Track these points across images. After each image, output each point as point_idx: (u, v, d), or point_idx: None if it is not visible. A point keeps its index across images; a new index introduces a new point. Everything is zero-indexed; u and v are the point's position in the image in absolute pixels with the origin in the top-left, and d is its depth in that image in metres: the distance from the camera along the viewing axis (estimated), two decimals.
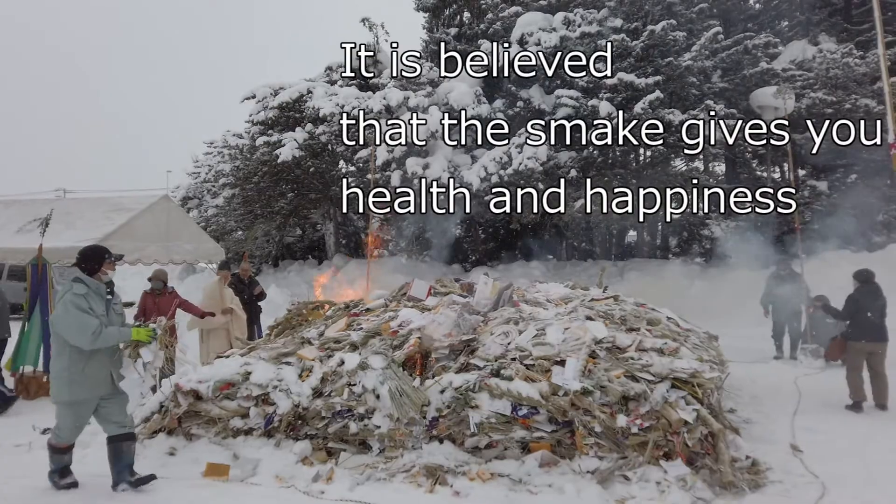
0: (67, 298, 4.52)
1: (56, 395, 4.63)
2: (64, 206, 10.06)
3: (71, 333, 4.46)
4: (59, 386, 4.58)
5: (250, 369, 5.67)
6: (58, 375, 4.58)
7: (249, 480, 4.89)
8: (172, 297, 8.41)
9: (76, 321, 4.44)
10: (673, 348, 5.26)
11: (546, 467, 4.71)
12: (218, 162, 20.33)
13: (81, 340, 4.45)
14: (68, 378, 4.54)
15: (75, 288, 4.58)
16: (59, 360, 4.60)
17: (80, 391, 4.59)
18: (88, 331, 4.43)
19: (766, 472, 4.75)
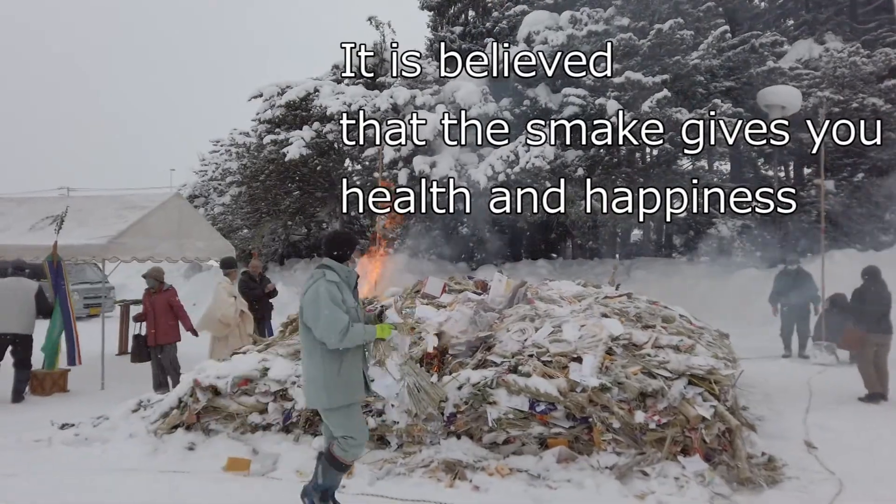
0: (321, 286, 3.94)
1: (313, 401, 4.10)
2: (75, 203, 10.09)
3: (319, 326, 3.88)
4: (316, 391, 4.02)
5: (268, 365, 5.73)
6: (312, 379, 4.02)
7: (270, 475, 4.94)
8: (168, 294, 8.46)
9: (327, 313, 3.86)
10: (689, 345, 5.30)
11: (564, 463, 4.76)
12: (225, 160, 20.38)
13: (329, 337, 3.86)
14: (323, 383, 3.96)
15: (328, 275, 4.00)
16: (310, 360, 4.03)
17: (342, 397, 4.00)
18: (338, 327, 3.83)
19: (782, 469, 4.78)
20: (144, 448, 5.55)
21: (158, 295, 8.42)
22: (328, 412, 4.03)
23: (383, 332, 4.12)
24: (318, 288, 3.94)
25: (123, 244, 8.83)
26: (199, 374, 5.80)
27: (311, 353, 4.01)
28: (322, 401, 3.99)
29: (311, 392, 4.05)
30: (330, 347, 3.89)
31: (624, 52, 15.38)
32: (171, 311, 8.34)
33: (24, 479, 5.02)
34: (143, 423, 5.93)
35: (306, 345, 4.05)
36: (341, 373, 3.96)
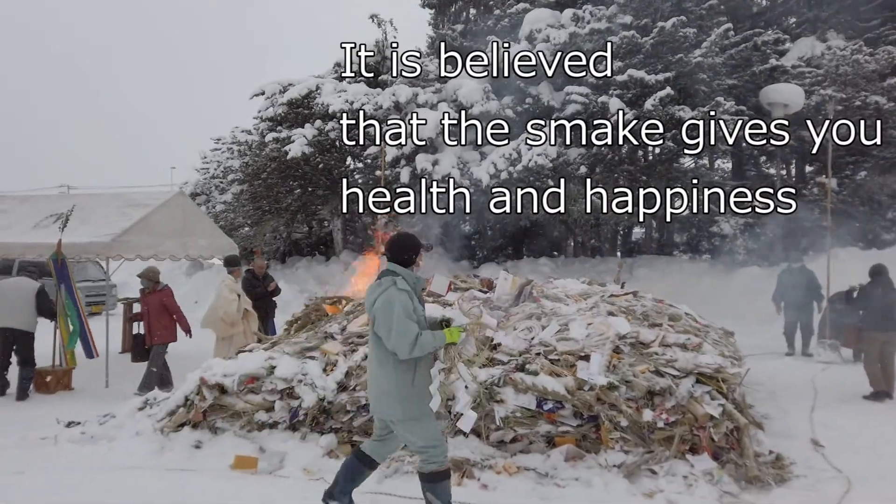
0: (393, 295, 3.77)
1: (386, 413, 3.93)
2: (78, 201, 10.06)
3: (391, 338, 3.72)
4: (389, 402, 3.86)
5: (275, 363, 5.72)
6: (386, 391, 3.85)
7: (278, 473, 4.94)
8: (161, 295, 8.34)
9: (399, 324, 3.70)
10: (696, 344, 5.30)
11: (572, 461, 4.76)
12: (227, 158, 20.37)
13: (401, 349, 3.71)
14: (397, 394, 3.81)
15: (399, 283, 3.82)
16: (382, 371, 3.86)
17: (416, 408, 3.85)
18: (410, 337, 3.68)
19: (789, 467, 4.79)
20: (151, 446, 5.54)
21: (153, 295, 8.34)
22: (404, 423, 3.87)
23: (453, 336, 3.93)
24: (391, 297, 3.76)
25: (127, 242, 8.82)
26: (205, 372, 5.80)
27: (382, 364, 3.85)
28: (396, 413, 3.84)
29: (384, 404, 3.89)
30: (401, 358, 3.76)
31: (627, 50, 15.37)
32: (165, 312, 8.26)
33: (30, 478, 5.02)
34: (149, 421, 5.92)
35: (377, 355, 3.88)
36: (415, 383, 3.82)
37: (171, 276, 22.50)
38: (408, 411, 3.83)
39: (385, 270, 3.97)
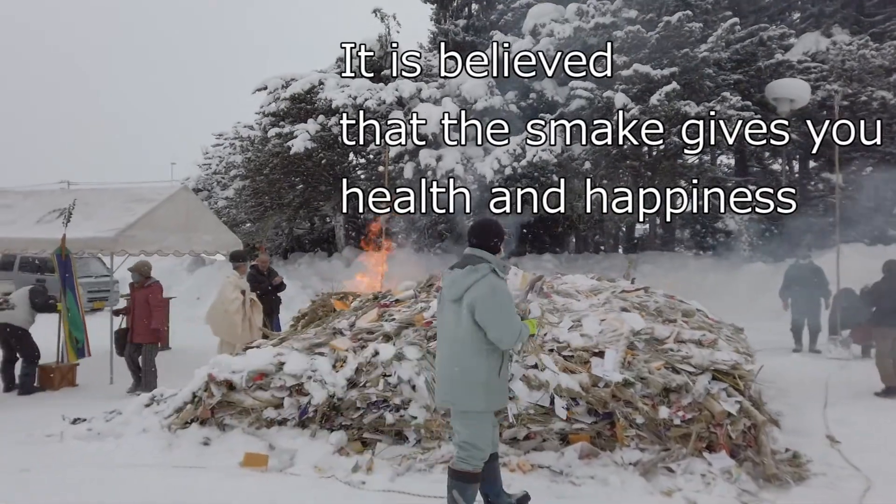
0: (496, 283, 3.65)
1: (465, 403, 3.73)
2: (81, 196, 9.98)
3: (496, 327, 3.59)
4: (472, 392, 3.69)
5: (283, 359, 5.65)
6: (474, 381, 3.67)
7: (288, 471, 4.87)
8: (148, 290, 8.11)
9: (507, 313, 3.61)
10: (711, 340, 5.23)
11: (586, 459, 4.69)
12: (229, 154, 20.26)
13: (506, 337, 3.60)
14: (486, 385, 3.67)
15: (497, 270, 3.73)
16: (475, 360, 3.67)
17: (497, 400, 3.78)
18: (517, 327, 3.62)
19: (807, 465, 4.72)
20: (158, 443, 5.48)
21: (141, 290, 8.13)
22: (475, 415, 3.72)
23: (532, 327, 3.92)
24: (495, 285, 3.63)
25: (132, 237, 8.75)
26: (213, 368, 5.73)
27: (476, 353, 3.66)
28: (479, 403, 3.69)
29: (466, 393, 3.70)
30: (502, 348, 3.67)
31: (632, 45, 15.27)
32: (148, 309, 8.02)
33: (37, 475, 4.96)
34: (156, 417, 5.86)
35: (473, 344, 3.66)
36: (501, 374, 3.75)
37: (173, 271, 22.44)
38: (490, 403, 3.74)
39: (472, 256, 3.80)
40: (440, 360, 3.91)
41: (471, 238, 3.90)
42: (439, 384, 3.91)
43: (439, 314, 3.96)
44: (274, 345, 6.12)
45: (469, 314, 3.66)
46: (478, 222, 3.98)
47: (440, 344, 3.94)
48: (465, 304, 3.68)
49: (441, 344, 3.91)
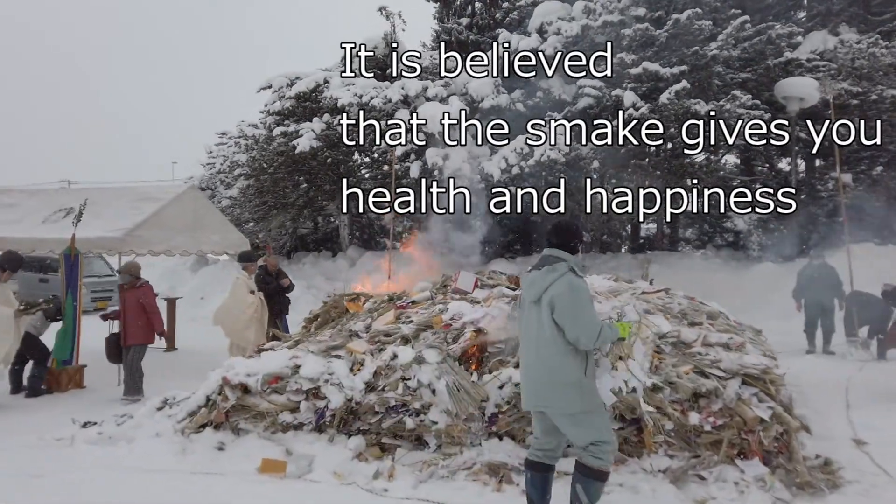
0: (575, 283, 3.63)
1: (561, 406, 3.68)
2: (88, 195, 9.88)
3: (576, 326, 3.56)
4: (567, 394, 3.65)
5: (299, 363, 5.53)
6: (566, 382, 3.63)
7: (307, 477, 4.76)
8: (140, 292, 7.73)
9: (586, 313, 3.58)
10: (739, 343, 5.11)
11: (613, 466, 4.56)
12: (234, 153, 20.13)
13: (585, 337, 3.57)
14: (578, 385, 3.64)
15: (577, 269, 3.70)
16: (563, 361, 3.63)
17: (591, 399, 3.71)
18: (596, 328, 3.58)
19: (839, 472, 4.60)
20: (172, 447, 5.36)
21: (131, 291, 7.74)
22: (579, 416, 3.66)
23: (624, 331, 3.89)
24: (574, 285, 3.62)
25: (140, 237, 8.63)
26: (227, 371, 5.61)
27: (562, 354, 3.63)
28: (576, 405, 3.64)
29: (561, 397, 3.65)
30: (581, 348, 3.64)
31: (640, 43, 15.14)
32: (142, 311, 7.65)
33: (50, 480, 4.85)
34: (169, 421, 5.74)
35: (556, 345, 3.63)
36: (588, 373, 3.70)
37: (176, 271, 22.32)
38: (586, 403, 3.66)
39: (550, 256, 3.81)
40: (526, 362, 3.86)
41: (550, 238, 3.91)
42: (527, 387, 3.85)
43: (521, 317, 3.94)
44: (289, 347, 6.00)
45: (549, 314, 3.64)
46: (558, 223, 4.00)
47: (524, 346, 3.89)
48: (544, 304, 3.67)
49: (525, 346, 3.87)
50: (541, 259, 3.85)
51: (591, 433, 3.67)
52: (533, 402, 3.80)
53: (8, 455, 5.45)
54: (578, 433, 3.69)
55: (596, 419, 3.71)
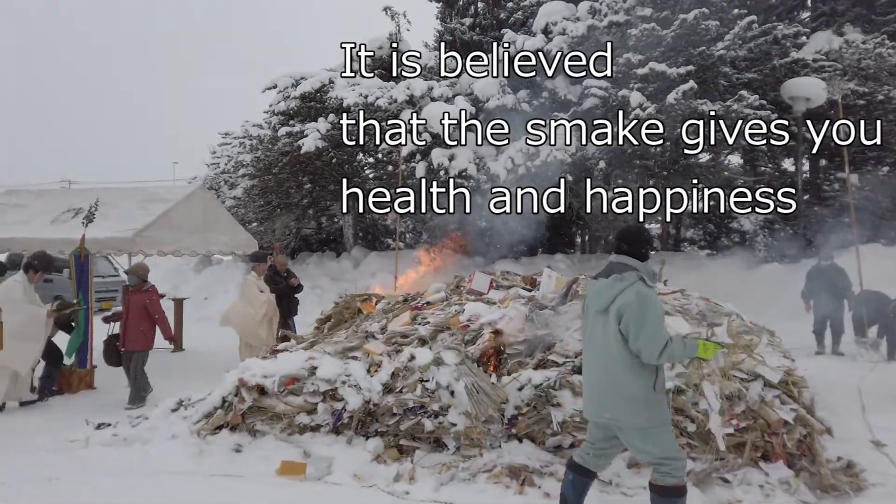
0: (646, 293, 3.50)
1: (628, 421, 3.56)
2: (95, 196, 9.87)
3: (640, 339, 3.43)
4: (634, 408, 3.53)
5: (316, 364, 5.51)
6: (633, 397, 3.52)
7: (327, 479, 4.73)
8: (145, 295, 7.52)
9: (653, 326, 3.43)
10: (759, 345, 5.09)
11: (635, 468, 4.56)
12: (238, 153, 20.10)
13: (648, 351, 3.43)
14: (644, 399, 3.52)
15: (647, 279, 3.57)
16: (628, 374, 3.52)
17: (659, 414, 3.58)
18: (661, 343, 3.42)
19: (862, 475, 4.58)
20: (189, 449, 5.33)
21: (136, 294, 7.50)
22: (648, 431, 3.54)
23: (706, 351, 3.61)
24: (645, 295, 3.48)
25: (149, 237, 8.60)
26: (243, 372, 5.59)
27: (628, 367, 3.51)
28: (642, 420, 3.51)
29: (626, 411, 3.53)
30: (644, 362, 3.50)
31: (647, 43, 15.11)
32: (146, 315, 7.44)
33: (66, 483, 4.81)
34: (184, 423, 5.71)
35: (621, 357, 3.52)
36: (656, 387, 3.56)
37: (180, 272, 22.31)
38: (653, 418, 3.53)
39: (618, 264, 3.67)
40: (590, 371, 3.74)
41: (620, 244, 3.75)
42: (591, 397, 3.73)
43: (585, 326, 3.83)
44: (305, 348, 5.98)
45: (616, 326, 3.52)
46: (629, 228, 3.84)
47: (588, 355, 3.78)
48: (611, 314, 3.54)
49: (590, 355, 3.75)
50: (608, 266, 3.73)
51: (660, 449, 3.54)
52: (597, 412, 3.70)
53: (22, 457, 5.42)
54: (646, 449, 3.57)
55: (664, 435, 3.58)
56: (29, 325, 6.95)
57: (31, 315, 7.00)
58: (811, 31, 18.33)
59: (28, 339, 6.93)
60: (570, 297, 6.03)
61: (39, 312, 7.10)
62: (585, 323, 3.83)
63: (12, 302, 6.91)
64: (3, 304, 6.84)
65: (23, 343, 6.88)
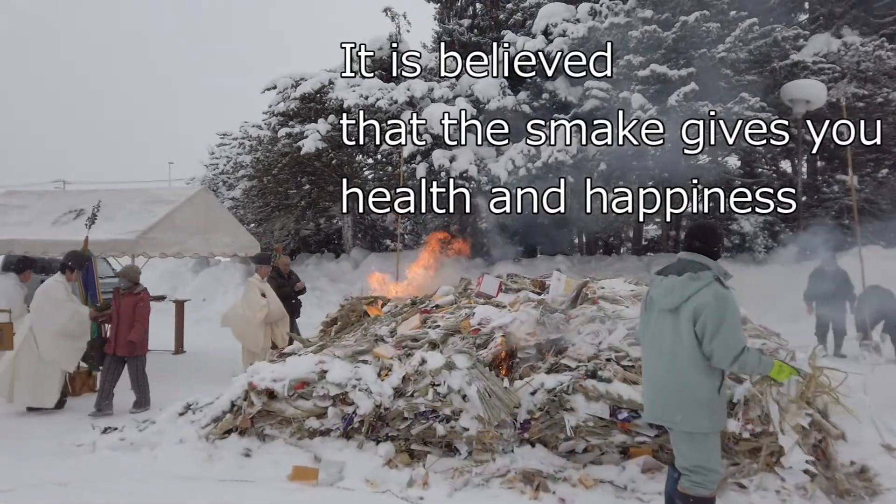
0: (723, 294, 3.38)
1: (689, 424, 3.46)
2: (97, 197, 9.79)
3: (715, 341, 3.33)
4: (697, 411, 3.43)
5: (326, 368, 5.47)
6: (700, 400, 3.43)
7: (339, 485, 4.69)
8: (136, 298, 7.25)
9: (730, 330, 3.31)
10: (773, 348, 5.08)
11: (649, 473, 4.54)
12: (237, 153, 20.03)
13: (722, 355, 3.33)
14: (709, 402, 3.43)
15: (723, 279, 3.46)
16: (696, 377, 3.43)
17: (721, 419, 3.53)
18: (737, 349, 3.32)
19: (876, 479, 4.57)
20: (198, 454, 5.29)
21: (127, 297, 7.25)
22: (699, 437, 3.45)
23: (781, 373, 3.50)
24: (722, 296, 3.35)
25: (153, 239, 8.55)
26: (252, 376, 5.55)
27: (697, 369, 3.40)
28: (704, 423, 3.42)
29: (690, 413, 3.42)
30: (713, 364, 3.40)
31: (647, 45, 15.12)
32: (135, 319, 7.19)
33: (78, 488, 4.77)
34: (192, 427, 5.67)
35: (694, 359, 3.40)
36: (721, 391, 3.48)
37: (177, 273, 22.20)
38: (714, 423, 3.45)
39: (691, 262, 3.55)
40: (653, 373, 3.61)
41: (691, 241, 3.65)
42: (653, 400, 3.62)
43: (647, 323, 3.70)
44: (314, 352, 5.94)
45: (690, 326, 3.40)
46: (700, 225, 3.75)
47: (650, 356, 3.65)
48: (684, 314, 3.41)
49: (653, 356, 3.63)
50: (677, 263, 3.60)
51: (703, 457, 3.45)
52: (658, 416, 3.61)
53: (30, 462, 5.38)
54: (689, 454, 3.49)
55: (712, 442, 3.50)
56: (72, 324, 7.08)
57: (73, 314, 7.11)
58: (810, 33, 18.39)
59: (73, 338, 7.09)
60: (581, 301, 6.02)
61: (81, 311, 7.20)
62: (647, 320, 3.70)
63: (55, 302, 7.04)
64: (46, 304, 7.00)
65: (68, 342, 7.05)
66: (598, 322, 5.53)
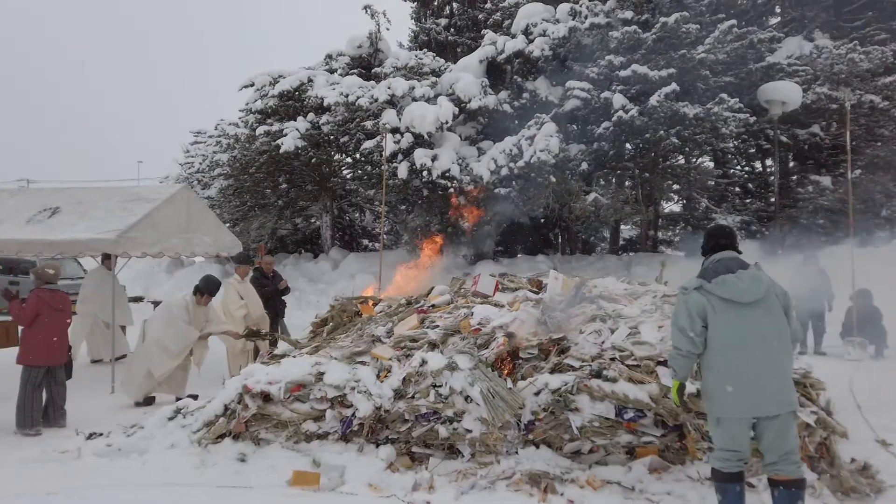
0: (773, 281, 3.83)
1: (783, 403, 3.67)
2: (72, 195, 9.49)
3: (796, 322, 3.84)
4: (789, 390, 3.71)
5: (323, 369, 5.34)
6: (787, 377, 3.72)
7: (341, 490, 4.57)
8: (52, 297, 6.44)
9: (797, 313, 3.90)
10: None
11: (656, 473, 4.50)
12: (213, 152, 19.65)
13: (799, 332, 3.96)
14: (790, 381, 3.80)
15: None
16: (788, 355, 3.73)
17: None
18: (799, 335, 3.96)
19: (878, 476, 4.60)
20: (190, 460, 5.13)
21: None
22: (790, 417, 3.65)
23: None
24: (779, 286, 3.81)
25: (133, 238, 8.28)
26: (247, 378, 5.40)
27: (790, 351, 3.74)
28: (794, 401, 3.68)
29: (785, 391, 3.65)
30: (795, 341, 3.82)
31: (628, 46, 15.21)
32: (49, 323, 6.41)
33: (65, 498, 4.56)
34: (183, 432, 5.50)
35: (790, 343, 3.74)
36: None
37: (150, 273, 21.74)
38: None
39: (734, 259, 3.88)
40: (765, 365, 3.63)
41: (718, 241, 4.01)
42: (769, 392, 3.62)
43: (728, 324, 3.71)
44: (309, 353, 5.80)
45: (782, 311, 3.73)
46: (722, 227, 4.14)
47: (756, 350, 3.64)
48: (772, 302, 3.71)
49: (759, 349, 3.64)
50: (724, 262, 3.86)
51: (795, 437, 3.66)
52: (775, 407, 3.60)
53: (14, 470, 5.16)
54: (788, 437, 3.63)
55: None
56: (175, 341, 7.27)
57: (181, 333, 7.31)
58: (784, 35, 18.69)
59: (168, 353, 7.25)
60: (580, 300, 5.98)
61: (190, 335, 7.35)
62: (726, 320, 3.71)
63: (171, 316, 7.36)
64: (160, 314, 7.45)
65: (164, 354, 7.23)
66: (598, 321, 5.49)
